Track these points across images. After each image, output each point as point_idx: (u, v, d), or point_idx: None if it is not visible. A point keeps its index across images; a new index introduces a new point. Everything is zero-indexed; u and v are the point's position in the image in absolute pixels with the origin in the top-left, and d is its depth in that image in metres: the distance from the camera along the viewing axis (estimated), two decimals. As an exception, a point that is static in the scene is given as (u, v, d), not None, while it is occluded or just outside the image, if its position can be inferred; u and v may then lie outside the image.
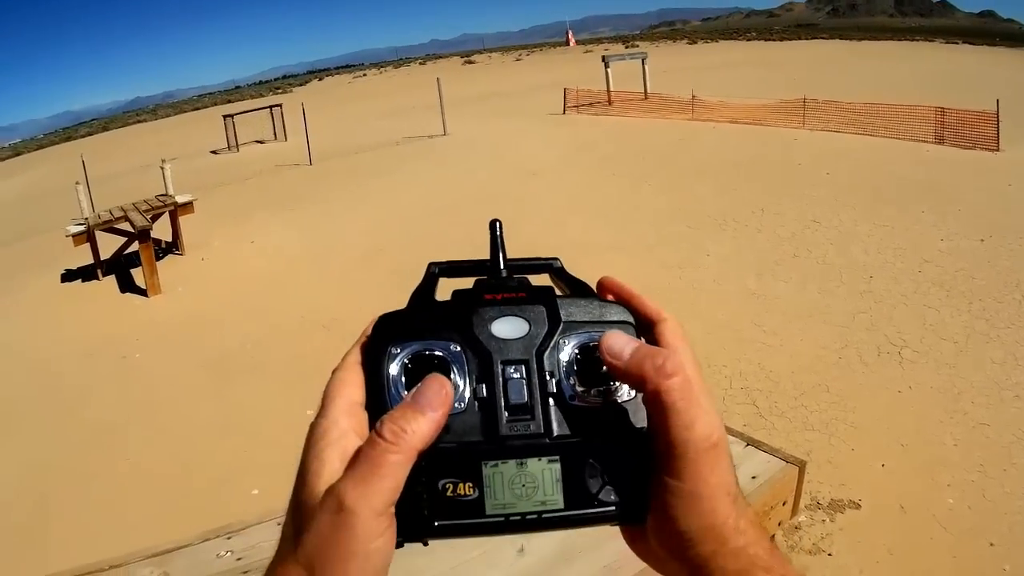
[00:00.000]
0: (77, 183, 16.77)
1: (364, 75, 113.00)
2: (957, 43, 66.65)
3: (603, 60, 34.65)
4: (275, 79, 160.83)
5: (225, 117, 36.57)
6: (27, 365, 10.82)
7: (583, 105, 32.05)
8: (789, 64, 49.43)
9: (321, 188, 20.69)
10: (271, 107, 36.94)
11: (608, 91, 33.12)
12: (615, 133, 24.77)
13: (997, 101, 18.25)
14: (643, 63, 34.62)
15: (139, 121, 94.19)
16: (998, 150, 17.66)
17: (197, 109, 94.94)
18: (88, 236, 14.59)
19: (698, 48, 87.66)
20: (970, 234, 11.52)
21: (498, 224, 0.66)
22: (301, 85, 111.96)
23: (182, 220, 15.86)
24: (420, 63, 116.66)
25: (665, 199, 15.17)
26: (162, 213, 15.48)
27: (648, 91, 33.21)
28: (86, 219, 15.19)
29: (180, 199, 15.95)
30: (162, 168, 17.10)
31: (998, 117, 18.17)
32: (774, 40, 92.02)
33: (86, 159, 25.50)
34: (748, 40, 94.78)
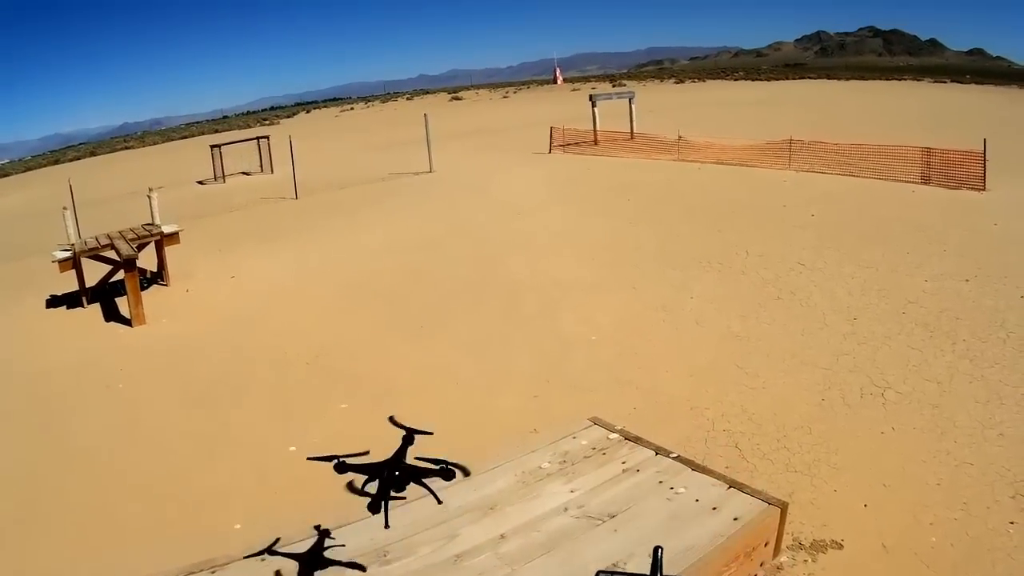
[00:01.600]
0: (64, 208, 16.96)
1: (352, 108, 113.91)
2: (945, 82, 68.34)
3: (590, 99, 35.37)
4: (263, 110, 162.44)
5: (212, 147, 37.15)
6: (11, 386, 11.08)
7: (569, 144, 32.69)
8: (776, 104, 50.52)
9: (306, 222, 21.08)
10: (258, 138, 37.52)
11: (594, 130, 33.78)
12: (601, 173, 25.30)
13: (984, 140, 18.85)
14: (630, 102, 35.43)
15: (127, 147, 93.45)
16: (984, 189, 18.21)
17: (185, 138, 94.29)
18: (74, 262, 14.84)
19: (686, 87, 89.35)
20: (955, 274, 11.90)
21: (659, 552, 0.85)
22: (289, 117, 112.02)
23: (168, 250, 16.11)
24: (407, 98, 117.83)
25: (649, 240, 15.51)
26: (148, 242, 15.72)
27: (634, 131, 33.96)
28: (72, 245, 15.41)
29: (166, 229, 16.20)
30: (149, 197, 17.29)
31: (985, 156, 18.74)
32: (762, 80, 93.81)
33: (73, 183, 25.73)
34: (736, 79, 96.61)
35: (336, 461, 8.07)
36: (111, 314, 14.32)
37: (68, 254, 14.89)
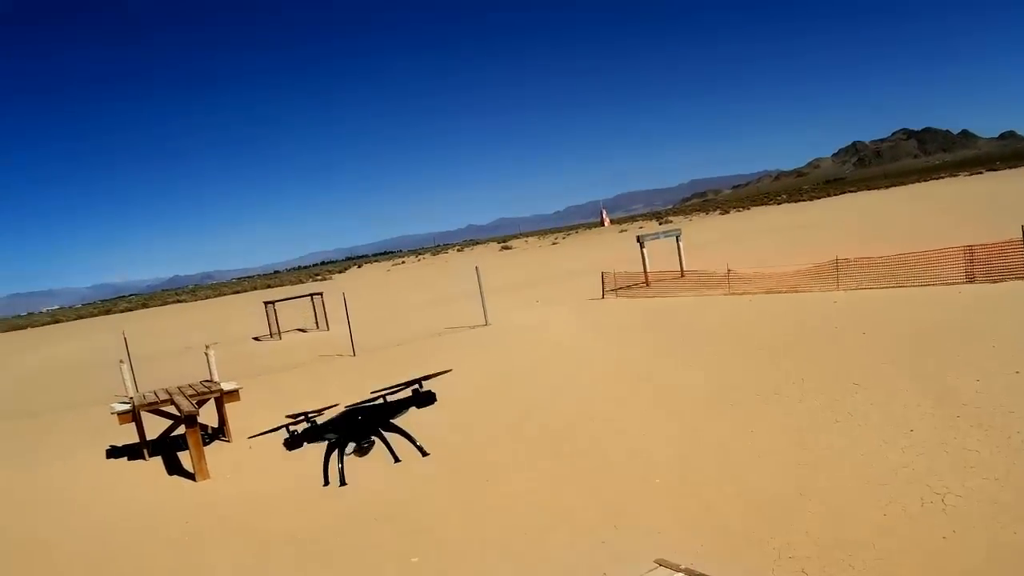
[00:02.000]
0: (121, 361, 17.85)
1: (403, 262, 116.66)
2: (981, 172, 68.84)
3: (638, 240, 35.82)
4: (314, 265, 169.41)
5: (267, 304, 38.85)
6: (74, 536, 11.79)
7: (621, 288, 33.46)
8: (820, 224, 51.43)
9: (367, 379, 20.98)
10: (312, 295, 39.02)
11: (645, 272, 34.42)
12: (654, 314, 26.00)
13: (1022, 227, 19.37)
14: (677, 240, 36.16)
15: (179, 300, 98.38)
16: (1029, 277, 18.53)
17: (237, 292, 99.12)
18: (133, 415, 15.42)
19: (731, 217, 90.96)
20: (1005, 368, 12.28)
21: None
22: (340, 272, 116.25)
23: (228, 407, 16.51)
24: (458, 249, 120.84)
25: (705, 377, 16.08)
26: (208, 399, 16.20)
27: (684, 268, 34.69)
28: (131, 398, 16.13)
29: (226, 386, 16.69)
30: (207, 354, 18.11)
31: (1024, 243, 19.21)
32: (804, 200, 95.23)
33: (127, 335, 26.57)
34: (779, 203, 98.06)
35: (286, 437, 8.30)
36: (174, 468, 14.95)
37: (127, 407, 15.46)
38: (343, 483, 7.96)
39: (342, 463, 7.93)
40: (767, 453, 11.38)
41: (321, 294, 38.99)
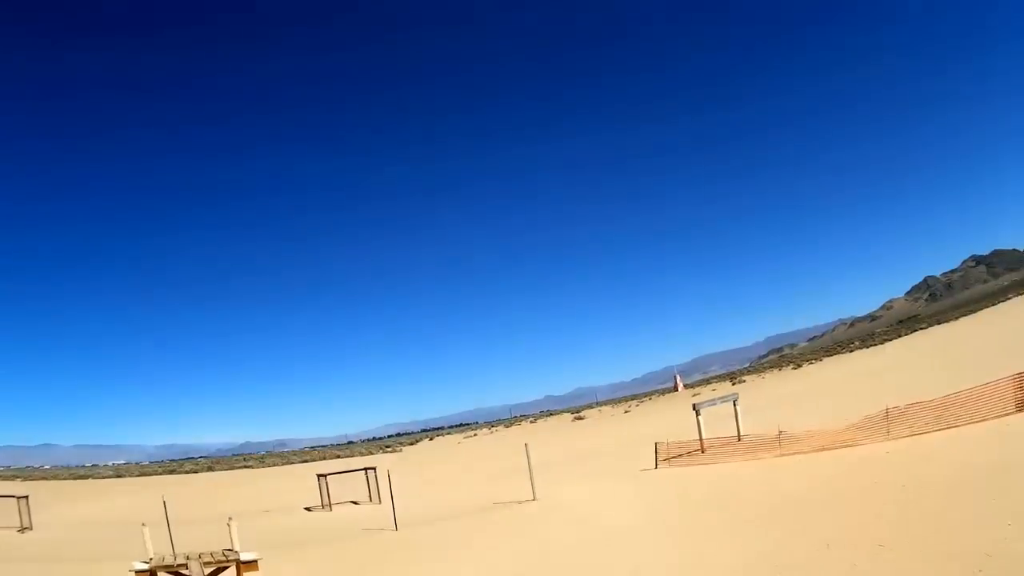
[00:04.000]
0: (143, 525, 18.21)
1: (475, 434, 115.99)
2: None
3: (694, 408, 35.50)
4: (389, 436, 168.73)
5: (319, 476, 39.55)
6: None
7: (674, 457, 32.72)
8: (883, 370, 50.33)
9: (402, 557, 21.11)
10: (365, 469, 39.36)
11: (700, 439, 33.58)
12: (705, 484, 25.18)
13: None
14: (734, 404, 35.56)
15: (246, 466, 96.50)
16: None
17: (306, 461, 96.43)
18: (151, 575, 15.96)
19: (802, 372, 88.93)
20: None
21: None
22: (412, 444, 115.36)
23: None
24: (532, 421, 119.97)
25: (741, 551, 15.10)
26: (226, 567, 16.30)
27: (741, 432, 33.60)
28: (150, 559, 16.65)
29: (244, 556, 16.64)
30: (228, 525, 18.21)
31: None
32: (876, 344, 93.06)
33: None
34: (851, 351, 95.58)
35: None
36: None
37: (146, 567, 16.03)
38: None
39: None
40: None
41: (374, 469, 39.64)
